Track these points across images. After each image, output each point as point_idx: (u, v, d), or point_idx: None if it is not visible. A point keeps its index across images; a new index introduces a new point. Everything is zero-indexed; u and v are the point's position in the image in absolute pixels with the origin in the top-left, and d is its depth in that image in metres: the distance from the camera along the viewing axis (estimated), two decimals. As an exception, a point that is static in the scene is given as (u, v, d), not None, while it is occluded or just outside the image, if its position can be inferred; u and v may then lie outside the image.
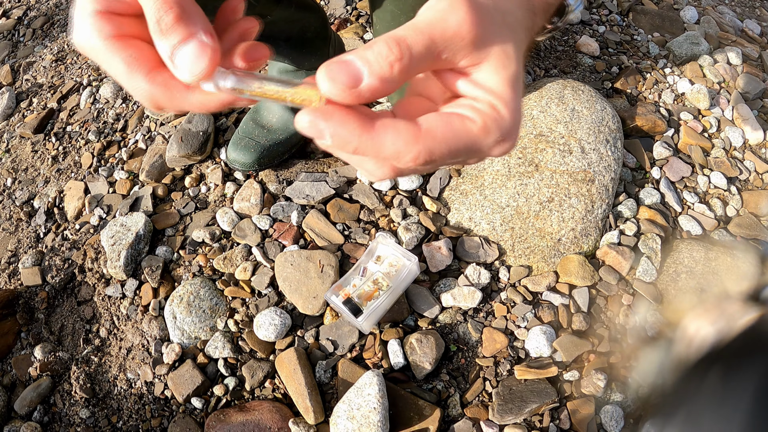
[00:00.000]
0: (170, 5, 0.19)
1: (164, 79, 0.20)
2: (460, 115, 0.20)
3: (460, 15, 0.20)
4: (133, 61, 0.20)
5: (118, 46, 0.20)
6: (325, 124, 0.19)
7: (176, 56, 0.19)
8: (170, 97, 0.21)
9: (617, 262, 0.68)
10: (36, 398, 0.63)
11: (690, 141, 0.83)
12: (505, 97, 0.21)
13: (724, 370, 0.38)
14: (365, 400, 0.53)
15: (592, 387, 0.60)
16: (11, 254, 0.77)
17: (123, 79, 0.20)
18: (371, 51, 0.18)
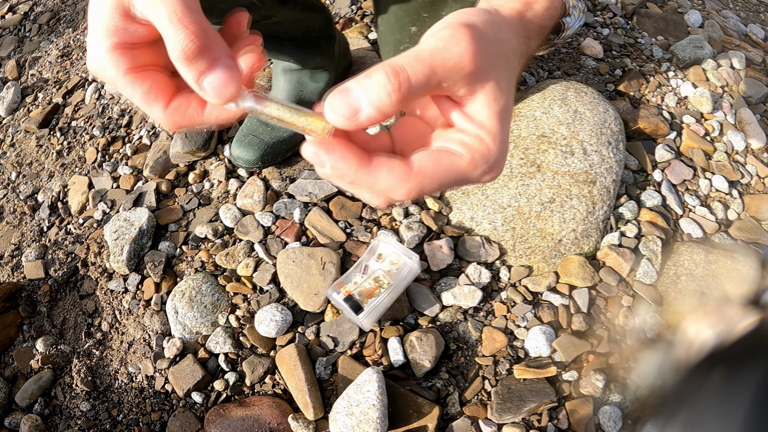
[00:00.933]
0: (193, 35, 0.20)
1: (180, 106, 0.22)
2: (449, 152, 0.22)
3: (462, 46, 0.21)
4: (149, 93, 0.22)
5: (136, 78, 0.22)
6: (327, 156, 0.21)
7: (204, 82, 0.20)
8: (187, 120, 0.23)
9: (617, 263, 0.68)
10: (37, 391, 0.64)
11: (692, 144, 0.84)
12: (493, 130, 0.22)
13: (725, 371, 0.39)
14: (364, 396, 0.53)
15: (591, 387, 0.60)
16: (15, 247, 0.77)
17: (141, 106, 0.22)
18: (371, 81, 0.20)
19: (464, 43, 0.20)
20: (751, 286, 0.74)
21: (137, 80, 0.22)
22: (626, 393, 0.61)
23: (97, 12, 0.21)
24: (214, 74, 0.20)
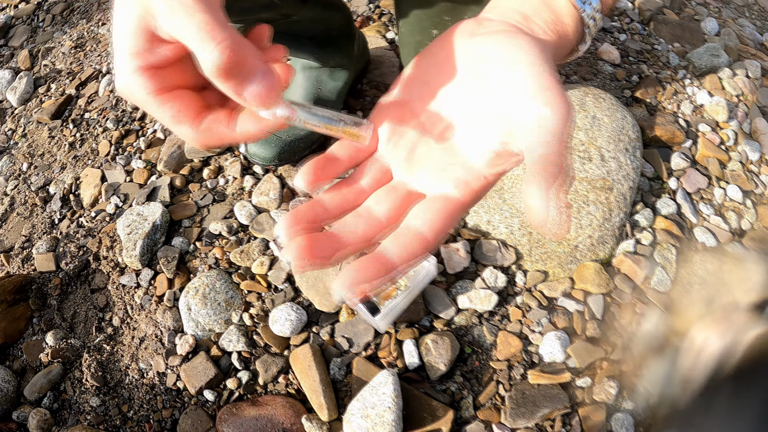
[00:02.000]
0: (226, 49, 0.19)
1: (210, 124, 0.22)
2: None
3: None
4: (178, 114, 0.22)
5: (164, 100, 0.21)
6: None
7: (246, 94, 0.20)
8: (217, 138, 0.23)
9: (632, 270, 0.68)
10: (46, 384, 0.63)
11: (708, 153, 0.83)
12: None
13: (732, 390, 0.39)
14: (380, 399, 0.53)
15: (604, 394, 0.60)
16: (25, 239, 0.77)
17: (170, 127, 0.22)
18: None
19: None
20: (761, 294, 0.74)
21: (166, 102, 0.21)
22: (638, 400, 0.61)
23: (121, 34, 0.21)
24: (254, 84, 0.20)
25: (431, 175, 0.24)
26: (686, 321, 0.67)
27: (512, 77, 0.21)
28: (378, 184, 0.25)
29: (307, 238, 0.21)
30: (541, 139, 0.20)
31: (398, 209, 0.23)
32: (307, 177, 0.23)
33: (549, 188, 0.19)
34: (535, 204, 0.19)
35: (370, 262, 0.20)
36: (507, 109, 0.22)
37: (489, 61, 0.22)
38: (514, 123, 0.21)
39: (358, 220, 0.23)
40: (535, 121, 0.20)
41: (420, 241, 0.21)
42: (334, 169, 0.24)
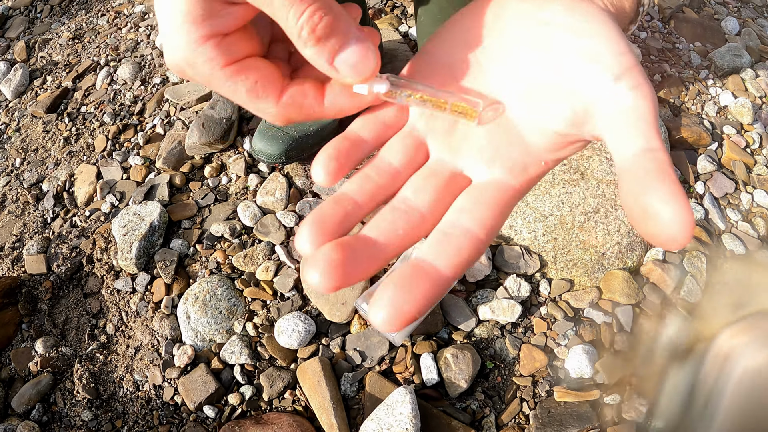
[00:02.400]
0: (319, 10, 0.17)
1: (295, 97, 0.19)
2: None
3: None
4: (254, 87, 0.18)
5: (237, 72, 0.18)
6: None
7: (338, 62, 0.18)
8: (304, 112, 0.19)
9: (662, 279, 0.64)
10: (35, 396, 0.59)
11: (733, 156, 0.80)
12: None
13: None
14: (396, 419, 0.49)
15: (634, 412, 0.56)
16: (16, 239, 0.73)
17: (246, 103, 0.19)
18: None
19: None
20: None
21: (239, 74, 0.18)
22: (666, 417, 0.57)
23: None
24: (348, 50, 0.17)
25: (480, 155, 0.19)
26: (712, 327, 0.63)
27: (589, 50, 0.18)
28: (412, 163, 0.20)
29: (339, 249, 0.16)
30: (642, 130, 0.16)
31: (443, 200, 0.19)
32: (329, 166, 0.19)
33: (673, 182, 0.15)
34: (662, 207, 0.14)
35: (417, 279, 0.16)
36: (581, 85, 0.18)
37: (557, 28, 0.19)
38: (591, 102, 0.18)
39: (396, 217, 0.18)
40: (624, 106, 0.17)
41: (474, 244, 0.17)
42: (360, 154, 0.20)
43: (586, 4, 0.19)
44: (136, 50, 0.90)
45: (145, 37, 0.92)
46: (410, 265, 0.16)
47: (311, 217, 0.17)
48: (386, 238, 0.17)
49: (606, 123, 0.17)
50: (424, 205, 0.18)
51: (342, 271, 0.16)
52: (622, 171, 0.16)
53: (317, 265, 0.16)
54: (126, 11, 1.00)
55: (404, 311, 0.15)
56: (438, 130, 0.20)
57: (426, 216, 0.18)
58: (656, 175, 0.15)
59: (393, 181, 0.19)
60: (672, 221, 0.14)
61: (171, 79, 0.84)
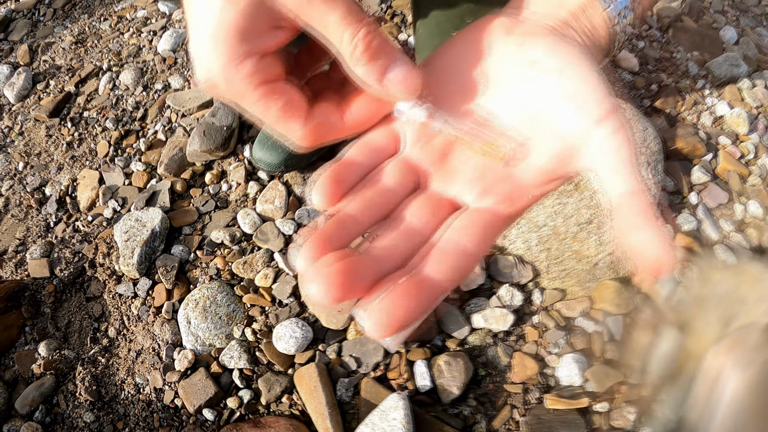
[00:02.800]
0: (373, 29, 0.19)
1: (322, 117, 0.20)
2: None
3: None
4: (288, 109, 0.19)
5: (271, 93, 0.19)
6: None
7: (389, 78, 0.19)
8: (328, 131, 0.20)
9: (653, 289, 0.65)
10: (38, 397, 0.60)
11: (728, 167, 0.81)
12: None
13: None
14: (390, 424, 0.50)
15: (622, 420, 0.57)
16: (19, 242, 0.74)
17: (275, 124, 0.20)
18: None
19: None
20: (778, 314, 0.72)
21: (273, 95, 0.19)
22: (656, 427, 0.59)
23: (228, 12, 0.17)
24: (396, 69, 0.19)
25: (471, 186, 0.21)
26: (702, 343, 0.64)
27: (572, 93, 0.19)
28: (406, 186, 0.21)
29: (342, 264, 0.16)
30: (623, 174, 0.18)
31: (439, 222, 0.20)
32: (326, 191, 0.19)
33: (654, 224, 0.17)
34: (648, 246, 0.16)
35: (413, 289, 0.16)
36: (566, 127, 0.19)
37: (540, 69, 0.20)
38: (572, 144, 0.19)
39: (395, 236, 0.19)
40: (607, 149, 0.18)
41: (466, 259, 0.18)
42: (355, 178, 0.21)
43: (567, 44, 0.20)
44: (138, 56, 0.91)
45: (147, 43, 0.93)
46: (407, 276, 0.17)
47: (315, 235, 0.18)
48: (387, 254, 0.18)
49: (589, 164, 0.19)
50: (422, 225, 0.19)
51: (345, 281, 0.16)
52: (613, 209, 0.18)
53: (319, 277, 0.16)
54: (128, 16, 1.01)
55: (397, 317, 0.16)
56: (431, 159, 0.21)
57: (424, 235, 0.19)
58: (638, 218, 0.17)
59: (388, 200, 0.20)
60: (655, 257, 0.16)
61: (173, 85, 0.85)
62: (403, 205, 0.20)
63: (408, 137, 0.22)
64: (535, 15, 0.22)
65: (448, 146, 0.21)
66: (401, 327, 0.16)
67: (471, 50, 0.22)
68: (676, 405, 0.59)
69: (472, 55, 0.22)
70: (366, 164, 0.21)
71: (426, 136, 0.22)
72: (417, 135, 0.22)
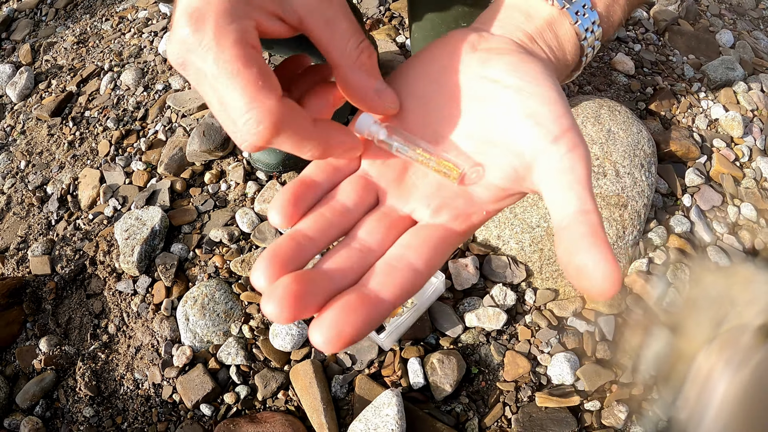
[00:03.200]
0: (368, 46, 0.20)
1: (292, 104, 0.18)
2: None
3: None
4: (268, 77, 0.17)
5: (257, 57, 0.17)
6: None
7: (382, 93, 0.21)
8: (296, 122, 0.18)
9: (645, 290, 0.66)
10: (39, 392, 0.62)
11: (722, 169, 0.81)
12: None
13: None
14: (383, 420, 0.51)
15: (613, 419, 0.58)
16: (21, 240, 0.75)
17: (247, 91, 0.17)
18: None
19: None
20: None
21: (259, 59, 0.17)
22: (647, 426, 0.60)
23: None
24: (388, 89, 0.21)
25: (427, 202, 0.21)
26: (694, 344, 0.65)
27: (530, 111, 0.19)
28: (364, 204, 0.21)
29: (295, 280, 0.16)
30: (577, 192, 0.18)
31: (393, 238, 0.20)
32: (284, 211, 0.19)
33: (604, 245, 0.16)
34: (594, 268, 0.16)
35: (359, 305, 0.17)
36: (521, 144, 0.19)
37: (500, 87, 0.20)
38: (530, 162, 0.19)
39: (351, 254, 0.19)
40: (562, 168, 0.18)
41: (414, 276, 0.18)
42: (313, 197, 0.21)
43: (530, 61, 0.21)
44: (140, 56, 0.92)
45: (148, 43, 0.94)
46: (354, 292, 0.17)
47: (267, 252, 0.18)
48: (341, 273, 0.18)
49: (544, 182, 0.19)
50: (376, 243, 0.20)
51: (298, 302, 0.16)
52: (559, 229, 0.17)
53: (274, 297, 0.16)
54: (130, 16, 1.02)
55: (344, 333, 0.16)
56: (389, 177, 0.22)
57: (377, 253, 0.20)
58: (589, 238, 0.16)
59: (345, 219, 0.20)
60: (603, 280, 0.16)
61: (173, 86, 0.86)
62: (360, 223, 0.20)
63: (367, 154, 0.22)
64: (503, 29, 0.23)
65: (406, 163, 0.22)
66: (349, 342, 0.16)
67: (436, 67, 0.22)
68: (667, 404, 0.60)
69: (436, 71, 0.22)
70: (324, 182, 0.21)
71: (385, 152, 0.22)
72: (376, 149, 0.22)
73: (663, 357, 0.63)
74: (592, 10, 0.23)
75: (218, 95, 0.17)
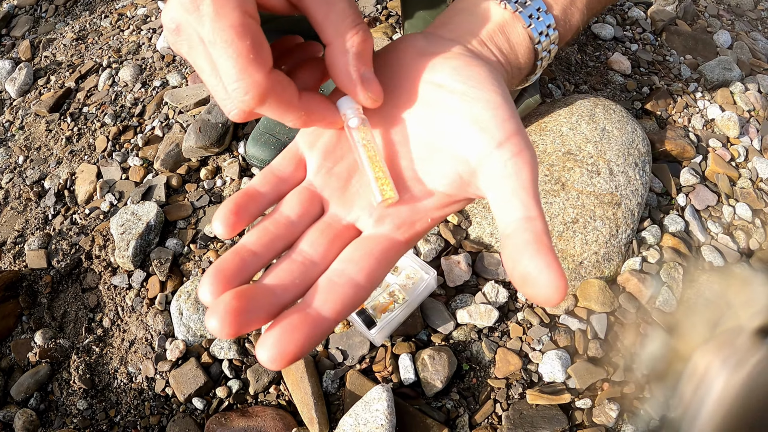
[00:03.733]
0: (367, 29, 0.20)
1: (280, 77, 0.19)
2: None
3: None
4: (260, 48, 0.18)
5: (253, 26, 0.18)
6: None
7: (367, 82, 0.20)
8: (281, 94, 0.19)
9: (638, 289, 0.66)
10: (33, 385, 0.62)
11: (718, 169, 0.81)
12: None
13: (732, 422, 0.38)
14: (373, 415, 0.51)
15: (604, 417, 0.58)
16: (18, 234, 0.76)
17: (239, 61, 0.17)
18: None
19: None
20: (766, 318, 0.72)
21: (255, 30, 0.18)
22: (639, 425, 0.60)
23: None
24: (372, 73, 0.20)
25: (370, 211, 0.21)
26: (690, 344, 0.65)
27: (474, 116, 0.19)
28: (309, 215, 0.21)
29: (237, 298, 0.17)
30: (521, 198, 0.18)
31: (336, 251, 0.20)
32: (226, 221, 0.20)
33: (548, 252, 0.16)
34: (538, 275, 0.16)
35: (301, 324, 0.17)
36: (465, 150, 0.19)
37: (445, 92, 0.20)
38: (475, 167, 0.19)
39: (293, 268, 0.19)
40: (506, 173, 0.18)
41: (356, 292, 0.18)
42: (257, 208, 0.21)
43: (475, 65, 0.21)
44: (138, 53, 0.93)
45: (147, 40, 0.94)
46: (296, 310, 0.17)
47: (212, 268, 0.18)
48: (283, 287, 0.18)
49: (488, 187, 0.19)
50: (319, 256, 0.20)
51: (239, 318, 0.16)
52: (504, 237, 0.17)
53: (217, 313, 0.16)
54: (129, 14, 1.02)
55: (287, 352, 0.16)
56: (333, 186, 0.22)
57: (320, 266, 0.20)
58: (533, 245, 0.16)
59: (290, 232, 0.20)
60: (547, 286, 0.16)
61: (170, 82, 0.86)
62: (303, 235, 0.21)
63: (312, 164, 0.22)
64: (453, 33, 0.23)
65: (350, 173, 0.22)
66: (292, 359, 0.16)
67: (386, 72, 0.22)
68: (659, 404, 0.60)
69: (386, 77, 0.22)
70: (269, 193, 0.21)
71: (330, 162, 0.22)
72: (321, 162, 0.22)
73: (656, 356, 0.63)
74: (547, 14, 0.23)
75: (211, 61, 0.18)
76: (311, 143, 0.23)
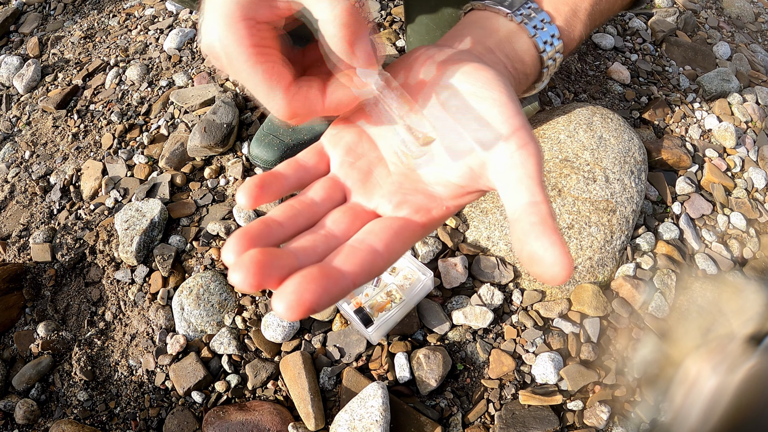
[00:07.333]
0: (351, 6, 0.20)
1: (301, 89, 0.21)
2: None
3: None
4: (272, 74, 0.20)
5: (259, 55, 0.20)
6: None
7: (357, 47, 0.20)
8: (309, 106, 0.21)
9: (631, 295, 0.67)
10: (35, 375, 0.63)
11: (713, 179, 0.83)
12: None
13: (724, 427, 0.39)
14: (368, 411, 0.52)
15: (595, 419, 0.59)
16: (23, 228, 0.77)
17: (260, 88, 0.20)
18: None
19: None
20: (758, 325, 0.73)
21: (262, 61, 0.20)
22: (629, 427, 0.61)
23: None
24: (365, 40, 0.20)
25: (390, 198, 0.22)
26: (682, 350, 0.66)
27: (483, 113, 0.21)
28: (331, 201, 0.23)
29: (261, 252, 0.17)
30: (527, 185, 0.19)
31: (357, 227, 0.21)
32: (250, 193, 0.21)
33: (553, 232, 0.18)
34: (544, 253, 0.17)
35: (320, 275, 0.17)
36: (476, 145, 0.21)
37: (456, 93, 0.22)
38: (483, 160, 0.21)
39: (316, 239, 0.20)
40: (512, 163, 0.20)
41: (375, 258, 0.19)
42: (279, 187, 0.22)
43: (483, 69, 0.22)
44: (145, 52, 0.94)
45: (154, 40, 0.96)
46: (317, 266, 0.18)
47: (237, 231, 0.19)
48: (305, 251, 0.19)
49: (497, 178, 0.20)
50: (341, 231, 0.21)
51: (263, 270, 0.17)
52: (512, 221, 0.19)
53: (241, 265, 0.17)
54: (137, 14, 1.04)
55: (304, 300, 0.16)
56: (355, 177, 0.23)
57: (341, 239, 0.21)
58: (539, 226, 0.18)
59: (313, 212, 0.22)
60: (553, 264, 0.17)
61: (177, 82, 0.88)
62: (327, 215, 0.22)
63: (336, 159, 0.24)
64: (463, 44, 0.25)
65: (370, 167, 0.24)
66: (309, 310, 0.17)
67: (402, 78, 0.24)
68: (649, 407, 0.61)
69: (401, 82, 0.23)
70: (291, 177, 0.23)
71: (352, 157, 0.24)
72: (343, 158, 0.24)
73: (648, 361, 0.64)
74: (551, 24, 0.25)
75: (242, 83, 0.21)
76: (335, 143, 0.24)
